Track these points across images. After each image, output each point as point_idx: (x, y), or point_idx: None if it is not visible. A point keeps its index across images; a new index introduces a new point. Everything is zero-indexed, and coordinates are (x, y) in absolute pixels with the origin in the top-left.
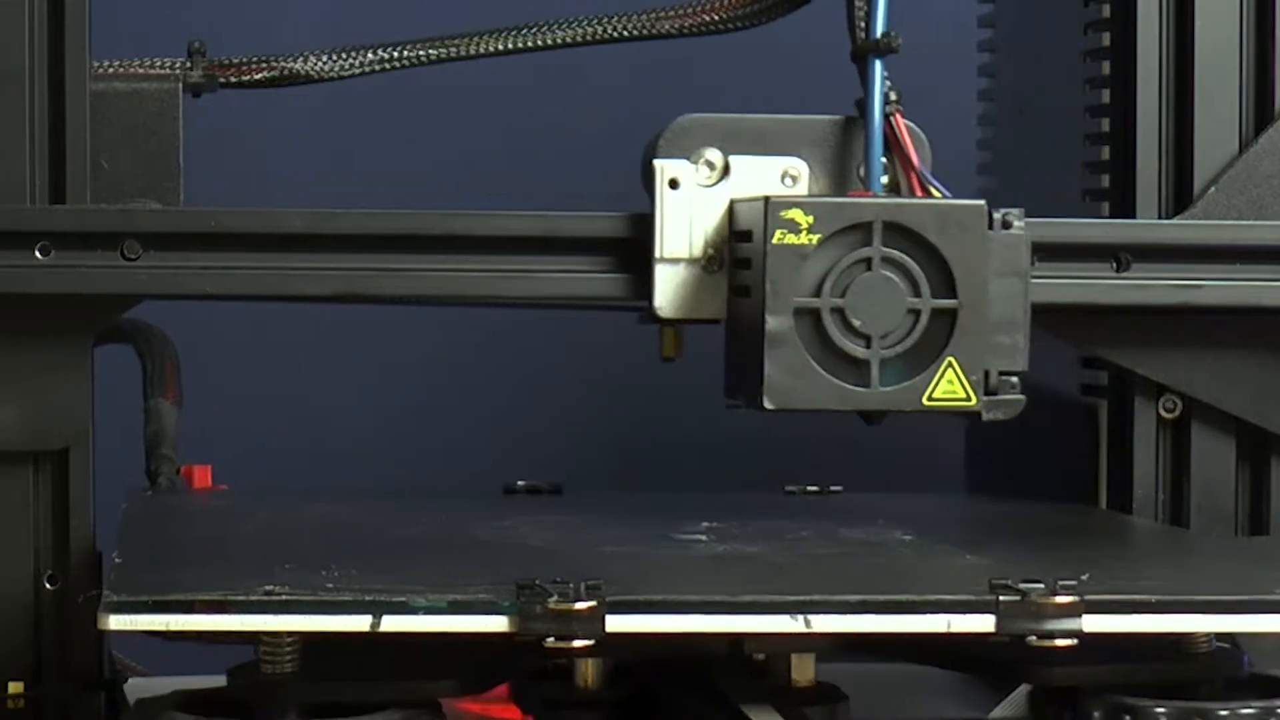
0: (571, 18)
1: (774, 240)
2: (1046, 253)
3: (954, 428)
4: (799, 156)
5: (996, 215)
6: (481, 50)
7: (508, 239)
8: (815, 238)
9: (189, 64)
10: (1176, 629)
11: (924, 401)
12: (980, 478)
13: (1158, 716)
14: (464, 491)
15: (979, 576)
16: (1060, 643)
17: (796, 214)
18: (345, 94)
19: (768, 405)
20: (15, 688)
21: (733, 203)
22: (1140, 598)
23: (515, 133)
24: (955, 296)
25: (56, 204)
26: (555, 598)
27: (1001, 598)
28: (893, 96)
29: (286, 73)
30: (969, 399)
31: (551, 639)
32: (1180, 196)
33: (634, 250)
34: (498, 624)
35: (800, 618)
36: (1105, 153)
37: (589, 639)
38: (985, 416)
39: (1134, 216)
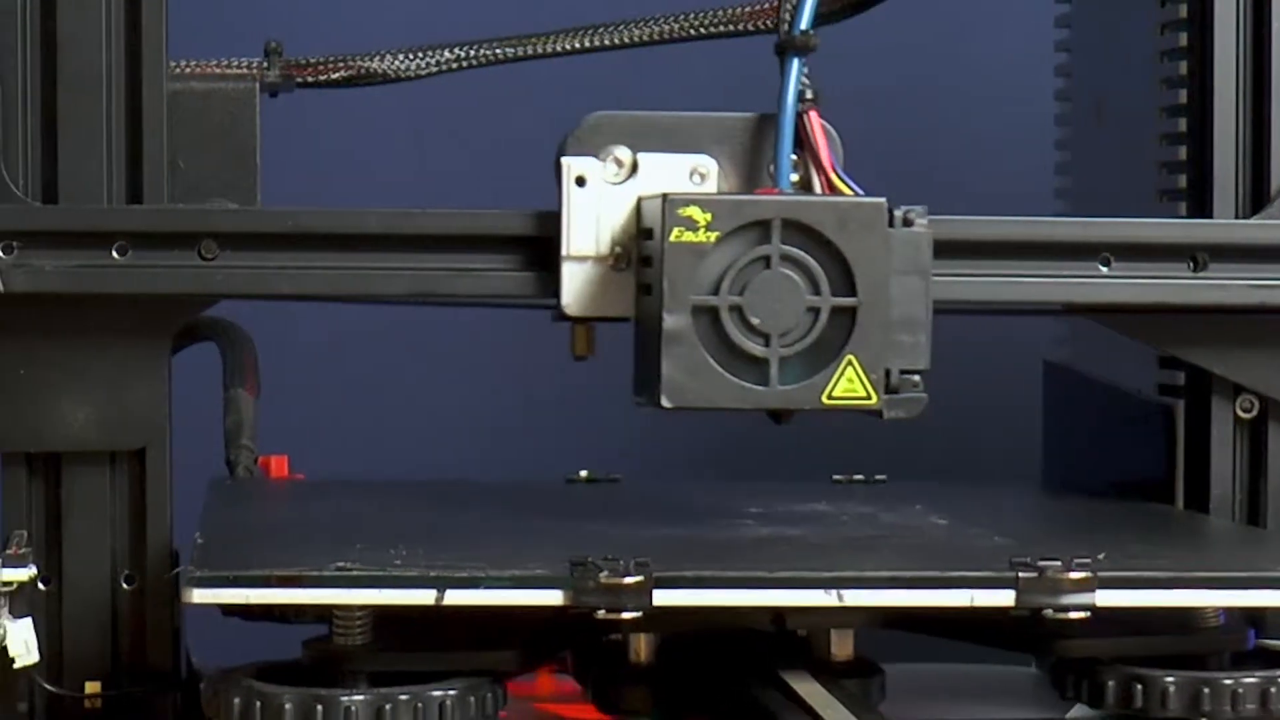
0: (647, 17)
1: (671, 238)
2: (1123, 253)
3: (1035, 429)
4: (710, 154)
5: (898, 213)
6: (557, 49)
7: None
8: (714, 235)
9: (266, 64)
10: (1180, 603)
11: (823, 400)
12: (1057, 477)
13: (1165, 685)
14: (528, 480)
15: (1003, 556)
16: (1074, 615)
17: (694, 211)
18: (420, 92)
19: (665, 404)
20: (92, 687)
21: (639, 200)
22: (1149, 574)
23: None
24: (855, 295)
25: (134, 204)
26: (606, 573)
27: (1020, 574)
28: (809, 94)
29: (363, 72)
30: (869, 397)
31: (602, 611)
32: (1257, 196)
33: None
34: (553, 598)
35: (834, 592)
36: (1182, 153)
37: (637, 611)
38: (886, 415)
39: (1210, 216)
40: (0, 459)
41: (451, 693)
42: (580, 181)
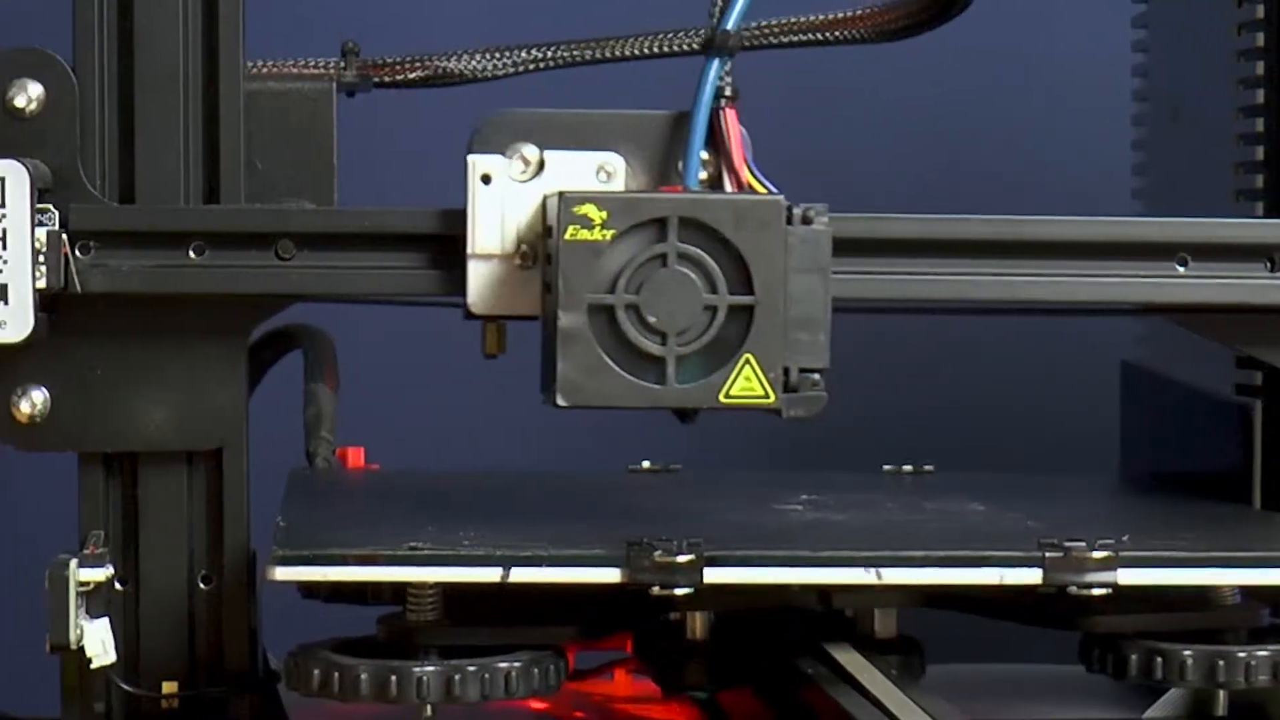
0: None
1: (567, 236)
2: (1200, 253)
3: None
4: (619, 152)
5: (797, 211)
6: (633, 53)
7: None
8: (610, 233)
9: (343, 64)
10: (1194, 582)
11: (721, 399)
12: (1135, 477)
13: (1184, 657)
14: (592, 470)
15: (1034, 538)
16: (1097, 593)
17: (590, 209)
18: (498, 92)
19: (560, 402)
20: (169, 687)
21: (545, 198)
22: (1167, 554)
23: None
24: (752, 293)
25: (211, 204)
26: (660, 552)
27: (1047, 554)
28: (728, 92)
29: (440, 72)
30: (767, 396)
31: (656, 588)
32: None
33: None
34: (611, 575)
35: (873, 570)
36: (1259, 153)
37: (688, 588)
38: (786, 414)
39: None
40: (78, 459)
41: (516, 664)
42: (486, 179)
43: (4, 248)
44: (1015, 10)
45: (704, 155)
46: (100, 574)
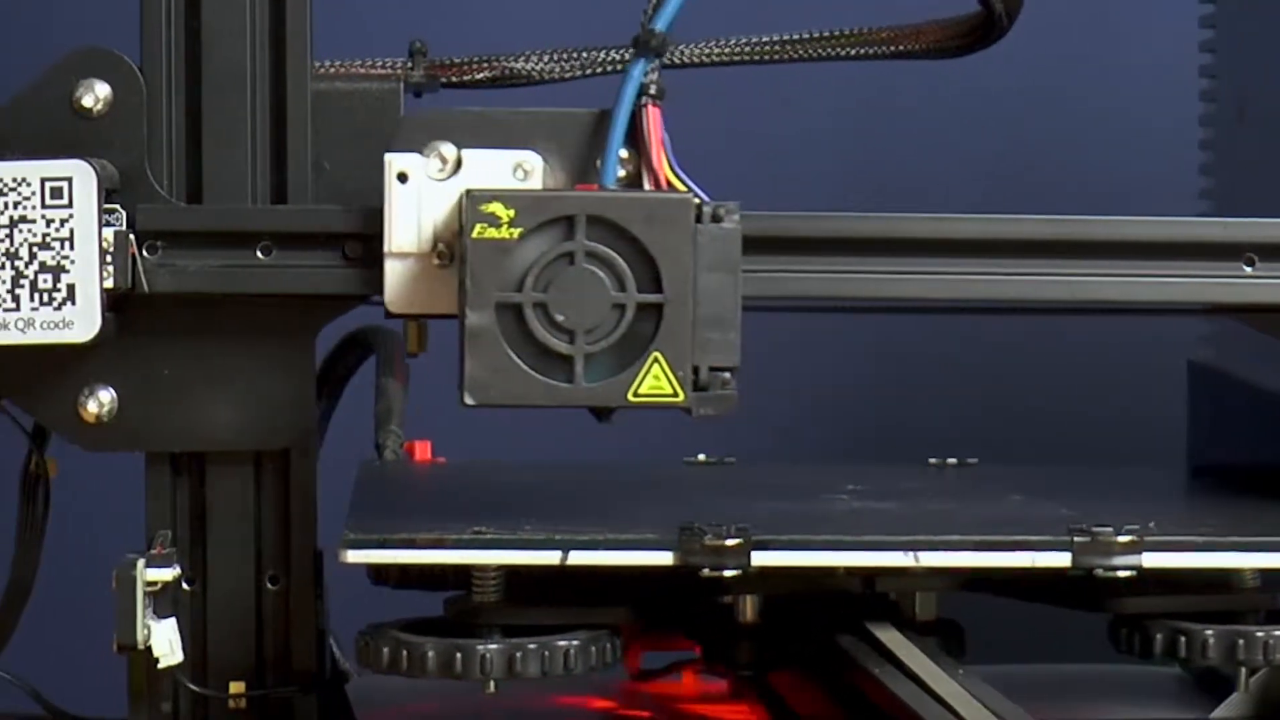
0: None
1: (474, 234)
2: (1267, 253)
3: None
4: (538, 150)
5: (707, 209)
6: (698, 59)
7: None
8: (517, 232)
9: (410, 64)
10: (1215, 565)
11: (629, 397)
12: (1201, 476)
13: (1205, 637)
14: (649, 462)
15: (1065, 524)
16: (1122, 575)
17: (497, 207)
18: (565, 94)
19: (467, 401)
20: (236, 688)
21: (460, 197)
22: (1189, 539)
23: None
24: (661, 291)
25: (278, 204)
26: (710, 536)
27: (1075, 538)
28: (652, 90)
29: (507, 72)
30: (676, 395)
31: (706, 570)
32: None
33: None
34: (663, 558)
35: (910, 554)
36: None
37: (737, 570)
38: (696, 413)
39: None
40: (145, 459)
41: (574, 643)
42: (403, 178)
43: (71, 248)
44: (1084, 11)
45: (624, 154)
46: (167, 574)
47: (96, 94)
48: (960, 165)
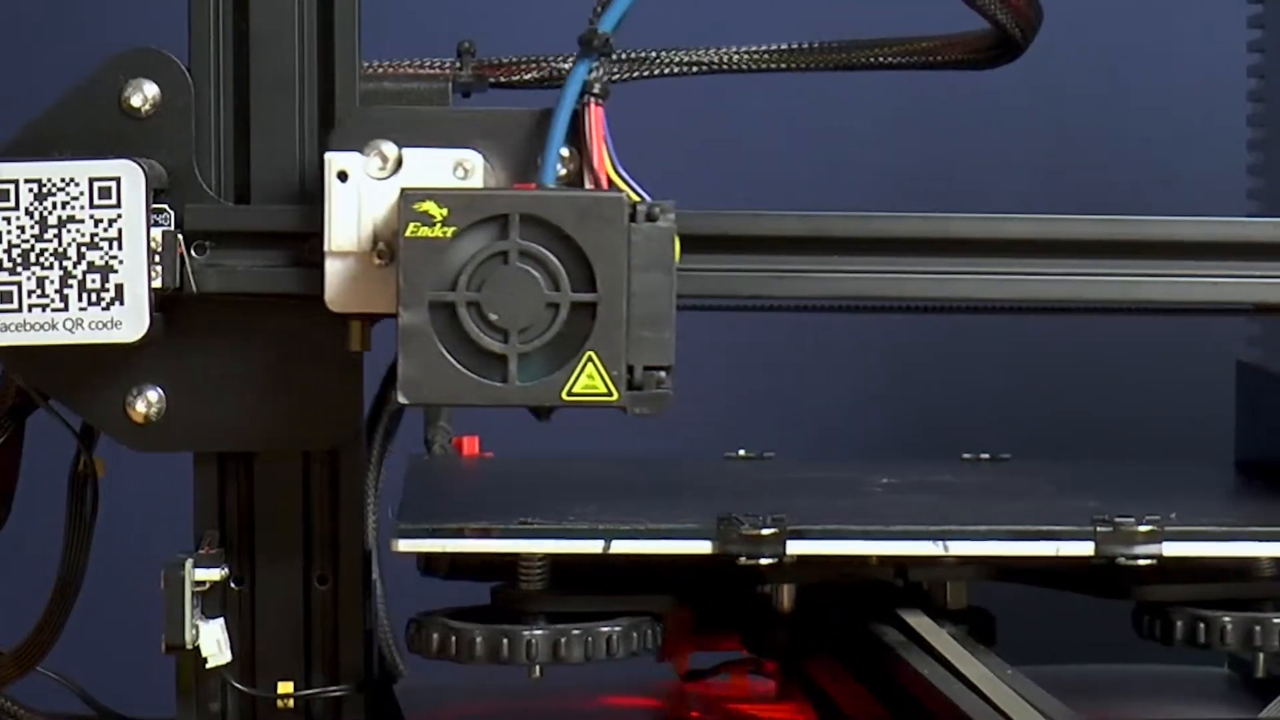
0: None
1: (407, 233)
2: None
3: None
4: (479, 149)
5: (641, 208)
6: (751, 64)
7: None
8: (450, 230)
9: (458, 64)
10: (1232, 554)
11: (563, 396)
12: (1250, 476)
13: (1224, 623)
14: (690, 458)
15: (1090, 515)
16: (1143, 563)
17: (431, 206)
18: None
19: (401, 399)
20: (285, 688)
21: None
22: (1208, 529)
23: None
24: (595, 290)
25: None
26: (747, 526)
27: (1099, 528)
28: (596, 89)
29: (556, 73)
30: (611, 394)
31: (743, 558)
32: None
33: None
34: (702, 547)
35: (940, 543)
36: None
37: (773, 558)
38: (631, 411)
39: None
40: (193, 459)
41: (617, 629)
42: (343, 176)
43: (120, 248)
44: (1131, 12)
45: (566, 153)
46: (215, 574)
47: (145, 94)
48: (1007, 164)
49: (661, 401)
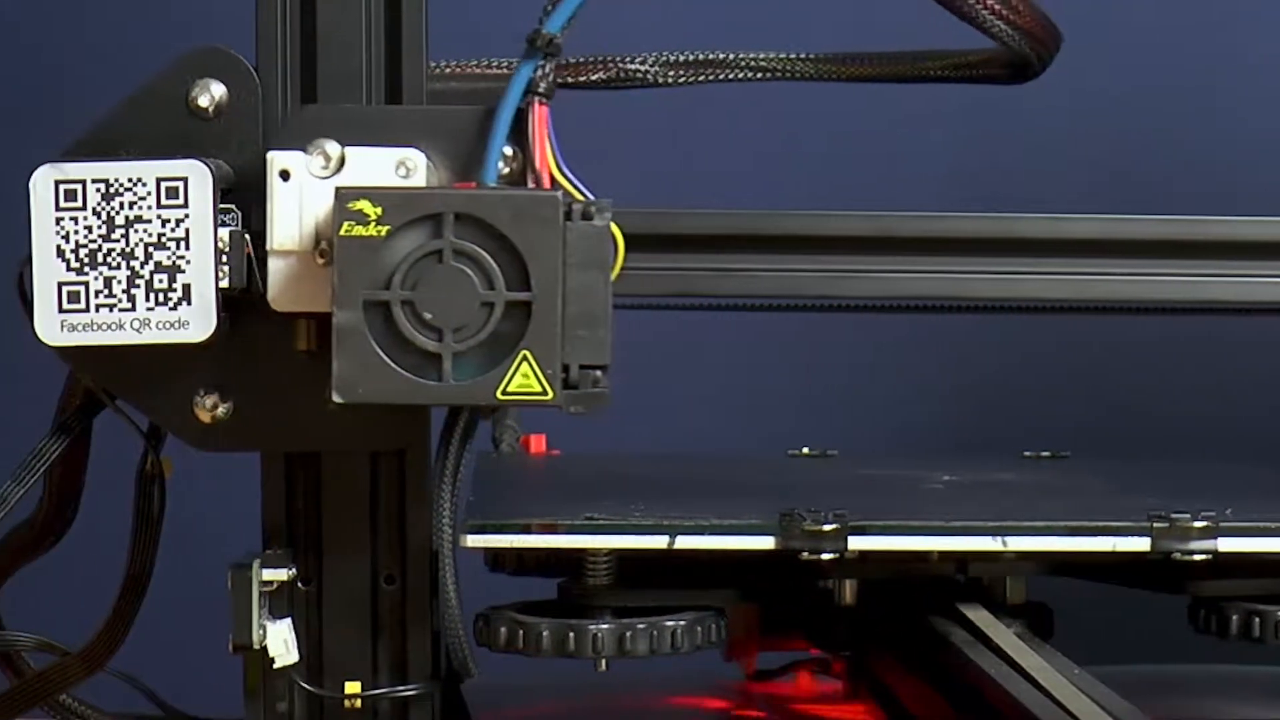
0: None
1: (342, 232)
2: None
3: None
4: (422, 148)
5: (577, 207)
6: (817, 73)
7: None
8: (384, 229)
9: None
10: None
11: (498, 395)
12: None
13: (1279, 618)
14: (755, 455)
15: (1146, 511)
16: (1198, 558)
17: (365, 205)
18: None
19: (336, 398)
20: (352, 688)
21: None
22: (1263, 525)
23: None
24: (530, 289)
25: None
26: (809, 522)
27: (1154, 524)
28: (542, 88)
29: (622, 74)
30: (545, 393)
31: (805, 554)
32: None
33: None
34: (765, 542)
35: (999, 539)
36: None
37: (834, 553)
38: (566, 410)
39: None
40: (260, 459)
41: (681, 623)
42: (285, 175)
43: (187, 248)
44: (1194, 14)
45: (509, 152)
46: (283, 574)
47: (212, 94)
48: (1073, 163)
49: (598, 400)
